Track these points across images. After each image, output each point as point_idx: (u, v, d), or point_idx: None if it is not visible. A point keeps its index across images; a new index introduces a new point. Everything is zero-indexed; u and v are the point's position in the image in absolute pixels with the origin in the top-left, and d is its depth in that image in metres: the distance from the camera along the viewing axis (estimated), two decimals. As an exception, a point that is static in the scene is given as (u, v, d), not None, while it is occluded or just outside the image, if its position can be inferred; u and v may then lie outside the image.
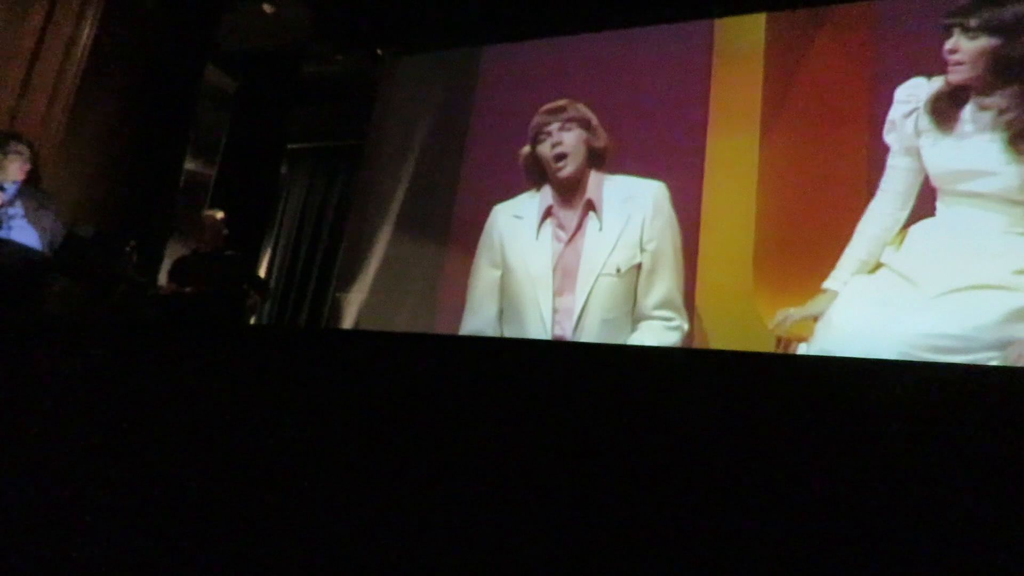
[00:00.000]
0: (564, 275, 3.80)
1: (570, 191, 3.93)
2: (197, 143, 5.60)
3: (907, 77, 3.35)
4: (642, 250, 3.67)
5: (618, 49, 4.17)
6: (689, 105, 3.83)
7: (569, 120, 3.96)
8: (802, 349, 3.15)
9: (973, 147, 3.12)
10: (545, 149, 3.99)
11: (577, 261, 3.79)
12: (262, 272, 5.68)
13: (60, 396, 1.68)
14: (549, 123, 4.00)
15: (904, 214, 3.23)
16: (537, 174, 4.03)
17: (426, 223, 4.50)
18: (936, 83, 3.26)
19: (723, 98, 3.77)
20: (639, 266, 3.66)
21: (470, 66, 4.67)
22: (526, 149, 4.08)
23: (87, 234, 3.79)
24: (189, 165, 5.52)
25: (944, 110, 3.20)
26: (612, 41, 4.22)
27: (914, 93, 3.30)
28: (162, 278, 4.35)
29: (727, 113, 3.74)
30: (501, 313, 3.94)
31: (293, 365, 1.56)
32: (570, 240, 3.86)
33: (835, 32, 3.63)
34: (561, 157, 3.92)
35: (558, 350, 1.94)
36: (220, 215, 4.12)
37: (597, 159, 3.90)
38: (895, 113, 3.32)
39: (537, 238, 3.93)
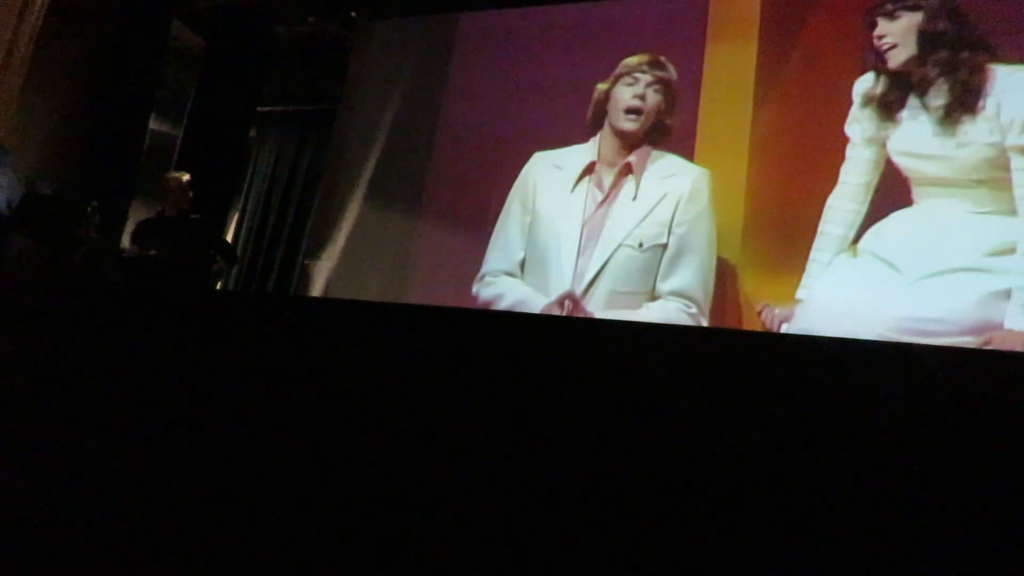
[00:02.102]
0: (589, 236, 3.66)
1: (619, 149, 3.74)
2: (163, 103, 5.46)
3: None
4: (670, 232, 3.52)
5: (602, 20, 4.08)
6: (680, 80, 3.76)
7: (660, 81, 3.72)
8: (783, 328, 3.18)
9: (923, 133, 3.18)
10: (625, 93, 3.74)
11: (603, 225, 3.65)
12: (229, 237, 5.58)
13: (18, 358, 1.64)
14: (643, 72, 3.74)
15: (864, 207, 3.24)
16: (599, 116, 3.82)
17: (398, 191, 4.43)
18: (881, 76, 3.30)
19: (715, 73, 3.72)
20: (664, 246, 3.52)
21: (446, 34, 4.59)
22: (604, 85, 3.82)
23: (47, 192, 3.68)
24: (155, 125, 5.39)
25: (890, 101, 3.25)
26: (596, 11, 4.13)
27: (868, 87, 3.34)
28: (125, 240, 4.25)
29: (719, 89, 3.69)
30: (525, 259, 3.81)
31: (260, 332, 1.53)
32: (603, 202, 3.70)
33: (830, 10, 3.62)
34: (634, 111, 3.71)
35: (532, 323, 1.92)
36: (186, 177, 4.03)
37: (659, 133, 3.70)
38: (855, 106, 3.35)
39: (572, 192, 3.77)
